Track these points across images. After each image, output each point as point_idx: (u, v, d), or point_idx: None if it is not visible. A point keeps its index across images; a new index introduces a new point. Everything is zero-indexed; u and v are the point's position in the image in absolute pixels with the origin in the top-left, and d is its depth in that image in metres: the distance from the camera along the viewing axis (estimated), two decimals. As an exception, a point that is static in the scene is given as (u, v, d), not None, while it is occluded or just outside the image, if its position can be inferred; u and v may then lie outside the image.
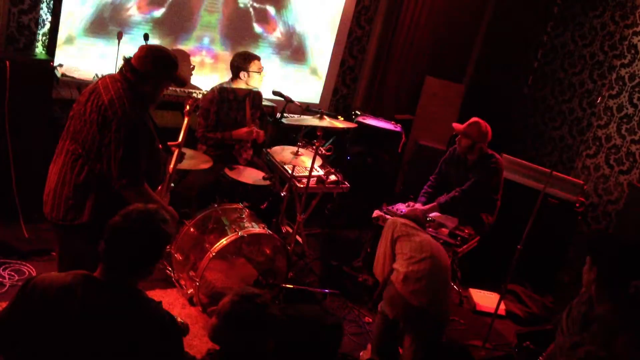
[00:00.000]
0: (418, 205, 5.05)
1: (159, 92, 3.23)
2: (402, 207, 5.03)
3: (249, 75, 4.96)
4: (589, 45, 6.60)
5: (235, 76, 4.99)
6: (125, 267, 2.23)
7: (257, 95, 5.24)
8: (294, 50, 6.29)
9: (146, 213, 2.25)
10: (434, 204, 4.99)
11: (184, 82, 3.36)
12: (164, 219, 2.29)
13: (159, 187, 3.45)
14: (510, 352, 4.73)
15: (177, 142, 3.64)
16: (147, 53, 3.13)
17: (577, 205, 5.75)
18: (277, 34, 6.11)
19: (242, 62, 4.95)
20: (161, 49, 3.22)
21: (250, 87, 5.05)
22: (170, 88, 5.36)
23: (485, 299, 5.41)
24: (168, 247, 4.39)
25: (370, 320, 4.72)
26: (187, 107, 3.76)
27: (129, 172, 3.01)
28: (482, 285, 5.60)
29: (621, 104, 6.15)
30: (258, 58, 5.01)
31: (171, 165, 3.57)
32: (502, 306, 5.10)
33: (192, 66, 5.64)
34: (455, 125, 5.03)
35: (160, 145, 3.32)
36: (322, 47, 6.49)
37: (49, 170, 3.27)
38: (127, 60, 3.14)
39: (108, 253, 2.22)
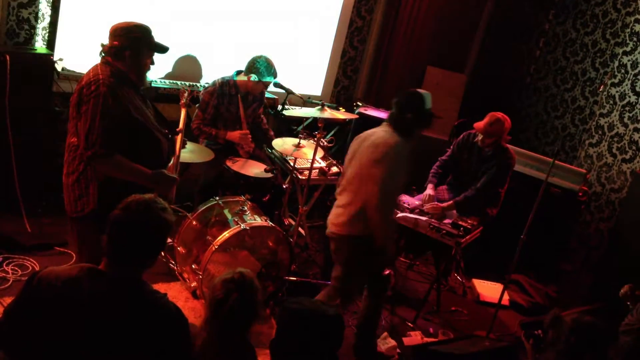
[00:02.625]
0: (436, 202, 5.01)
1: (141, 65, 3.24)
2: (405, 198, 5.02)
3: (256, 83, 4.96)
4: (590, 33, 6.57)
5: (247, 72, 4.97)
6: (130, 259, 2.23)
7: (257, 95, 5.22)
8: (294, 41, 6.26)
9: (145, 204, 2.25)
10: (451, 202, 4.96)
11: (164, 47, 3.32)
12: (163, 207, 2.29)
13: (169, 164, 3.47)
14: (515, 341, 4.74)
15: (179, 129, 3.67)
16: (114, 28, 3.19)
17: (580, 194, 5.75)
18: (278, 25, 6.08)
19: (264, 70, 4.93)
20: (127, 22, 3.23)
21: (248, 89, 5.04)
22: (170, 81, 5.37)
23: (489, 290, 5.42)
24: (170, 239, 4.43)
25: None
26: (183, 99, 3.78)
27: (95, 144, 3.01)
28: (485, 276, 5.60)
29: (623, 92, 6.12)
30: (275, 76, 5.05)
31: (178, 147, 3.61)
32: (506, 296, 5.11)
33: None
34: (477, 125, 4.97)
35: (166, 130, 3.34)
36: (322, 38, 6.46)
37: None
38: (103, 45, 3.20)
39: (111, 246, 2.22)
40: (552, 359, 2.89)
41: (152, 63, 3.31)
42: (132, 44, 3.16)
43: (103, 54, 3.18)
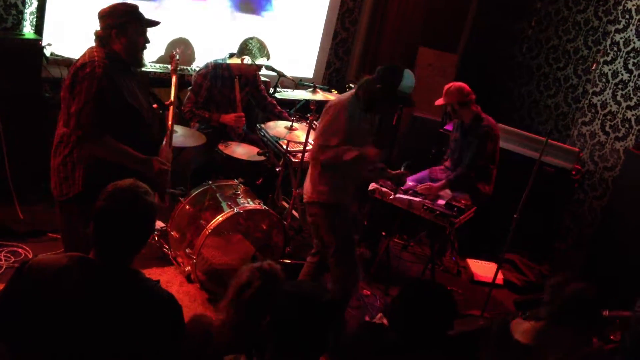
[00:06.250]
0: (431, 183, 5.02)
1: (133, 43, 3.17)
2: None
3: (249, 66, 4.93)
4: (582, 11, 6.54)
5: (239, 54, 4.94)
6: (119, 248, 2.21)
7: (249, 77, 5.19)
8: (284, 22, 6.21)
9: (129, 191, 2.22)
10: (444, 181, 4.97)
11: (154, 21, 3.26)
12: (146, 191, 2.26)
13: (162, 144, 3.44)
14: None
15: (170, 101, 3.63)
16: (100, 13, 3.17)
17: (574, 173, 5.76)
18: (269, 8, 6.03)
19: (257, 52, 4.91)
20: (111, 4, 3.20)
21: (242, 71, 5.01)
22: (161, 65, 5.33)
23: (483, 269, 5.44)
24: (163, 223, 4.41)
25: (368, 292, 4.73)
26: (172, 65, 3.74)
27: (85, 125, 3.00)
28: (479, 255, 5.62)
29: (616, 70, 6.11)
30: (269, 57, 5.02)
31: (169, 122, 3.57)
32: (500, 275, 5.13)
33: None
34: (437, 101, 5.01)
35: (155, 105, 3.34)
36: (313, 20, 6.42)
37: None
38: (96, 31, 3.18)
39: (99, 236, 2.20)
40: (543, 316, 2.92)
41: (147, 41, 3.25)
42: (117, 23, 3.12)
43: (96, 37, 3.17)
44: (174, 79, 3.70)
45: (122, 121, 3.11)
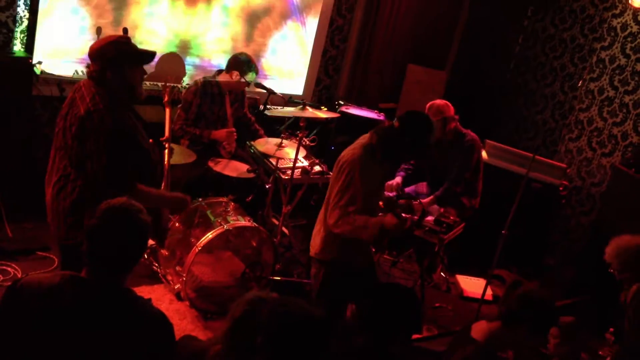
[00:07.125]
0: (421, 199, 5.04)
1: (129, 81, 3.03)
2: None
3: (238, 81, 4.97)
4: (569, 29, 6.62)
5: (227, 70, 4.98)
6: (111, 266, 2.21)
7: (238, 94, 5.23)
8: (275, 40, 6.26)
9: (121, 209, 2.23)
10: (432, 197, 5.00)
11: (148, 54, 3.12)
12: (138, 209, 2.26)
13: (162, 185, 3.40)
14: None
15: (165, 137, 3.60)
16: (90, 51, 3.02)
17: (561, 188, 5.80)
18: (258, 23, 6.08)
19: (244, 66, 4.95)
20: (102, 39, 3.04)
21: (231, 88, 5.05)
22: (150, 82, 5.34)
23: (472, 285, 5.46)
24: (153, 241, 4.40)
25: (359, 309, 4.73)
26: (166, 96, 3.70)
27: (117, 180, 2.92)
28: (468, 271, 5.64)
29: (602, 87, 6.18)
30: (257, 72, 5.07)
31: (165, 162, 3.53)
32: (489, 291, 5.15)
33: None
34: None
35: (151, 140, 3.24)
36: (303, 38, 6.46)
37: (45, 191, 3.17)
38: (88, 66, 3.05)
39: (92, 255, 2.20)
40: (497, 316, 2.96)
41: (144, 73, 3.13)
42: (110, 65, 2.96)
43: (88, 74, 3.03)
44: (167, 111, 3.61)
45: (135, 165, 3.03)
